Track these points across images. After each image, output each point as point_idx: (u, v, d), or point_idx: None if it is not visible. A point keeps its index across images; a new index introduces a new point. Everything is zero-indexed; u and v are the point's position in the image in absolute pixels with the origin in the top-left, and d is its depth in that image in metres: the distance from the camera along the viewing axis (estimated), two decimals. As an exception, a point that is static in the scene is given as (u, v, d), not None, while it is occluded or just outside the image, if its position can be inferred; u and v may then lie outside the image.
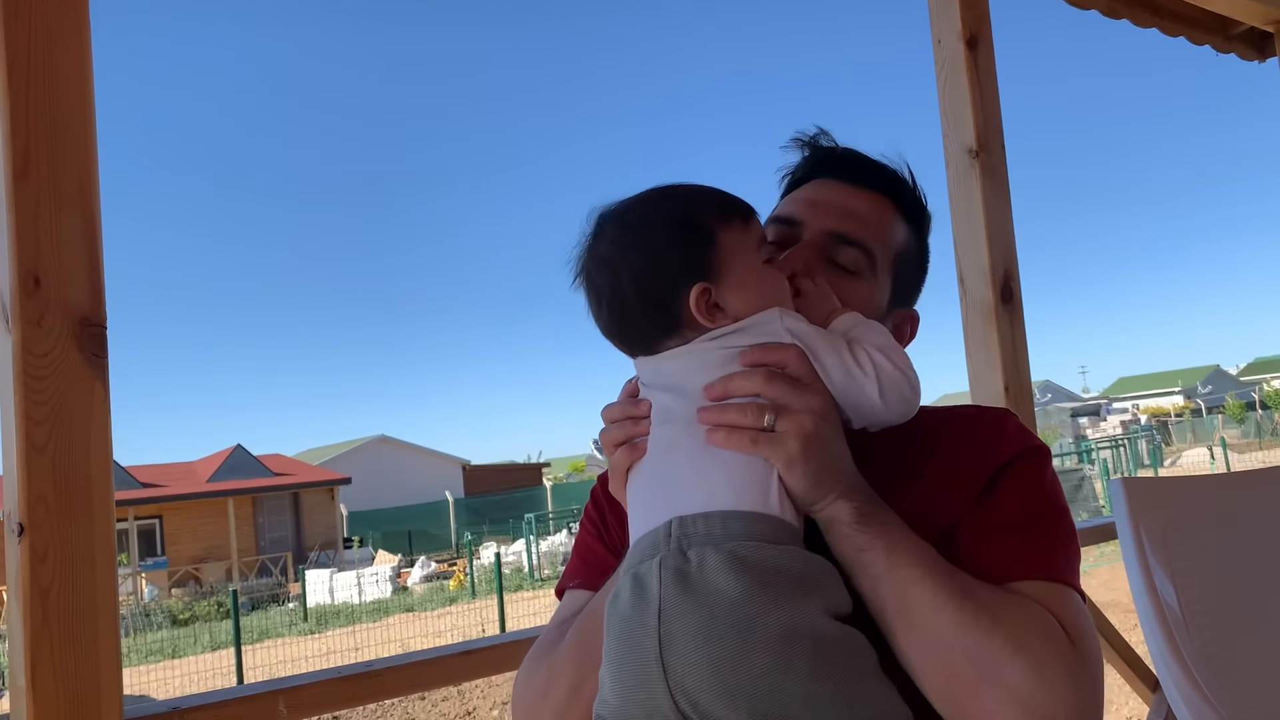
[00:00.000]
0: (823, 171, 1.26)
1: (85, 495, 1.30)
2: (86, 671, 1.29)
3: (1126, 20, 3.25)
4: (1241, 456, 29.87)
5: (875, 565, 0.97)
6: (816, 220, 1.19)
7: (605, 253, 1.06)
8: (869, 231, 1.20)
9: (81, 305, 1.32)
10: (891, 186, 1.25)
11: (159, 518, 29.21)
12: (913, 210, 1.26)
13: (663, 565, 0.93)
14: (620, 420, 1.07)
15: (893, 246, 1.22)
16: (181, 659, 15.45)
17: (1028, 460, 1.13)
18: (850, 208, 1.21)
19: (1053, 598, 1.01)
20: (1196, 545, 1.88)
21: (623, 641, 0.93)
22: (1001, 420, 1.19)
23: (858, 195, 1.22)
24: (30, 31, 1.32)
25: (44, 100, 1.32)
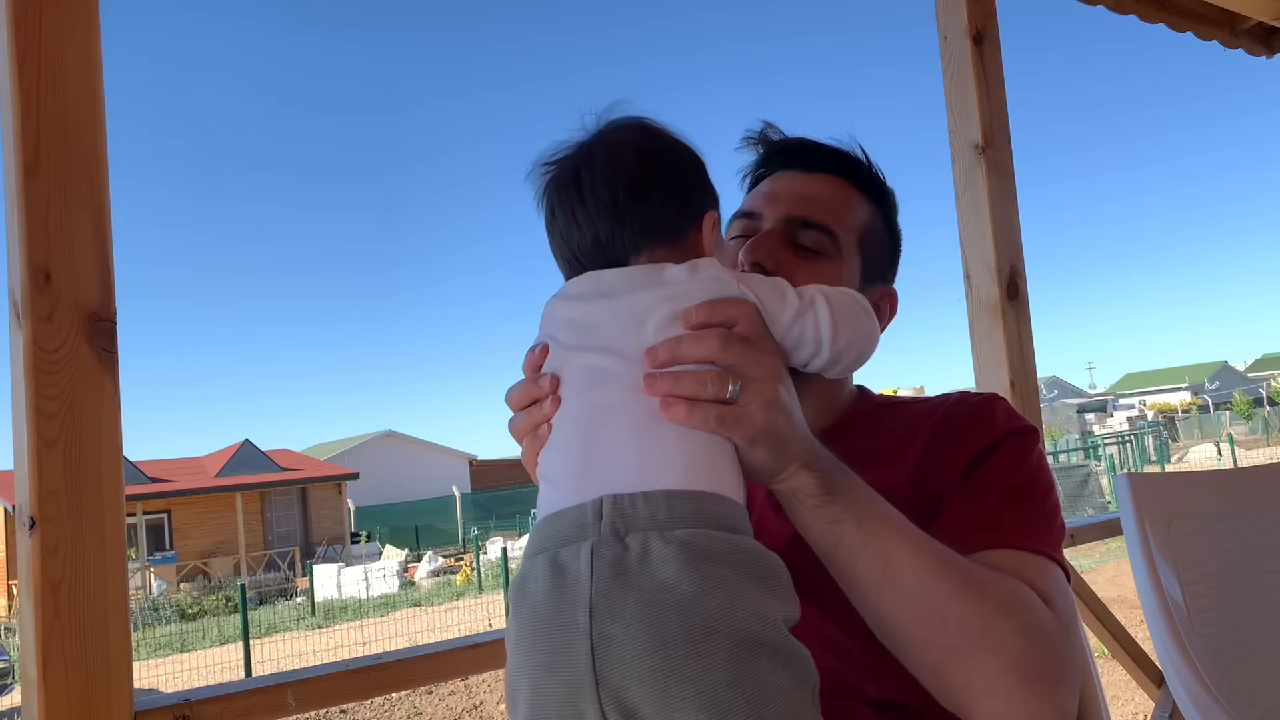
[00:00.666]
0: (777, 164, 1.29)
1: (96, 489, 1.31)
2: (97, 664, 1.30)
3: (1133, 15, 3.24)
4: (1249, 453, 29.76)
5: (849, 536, 0.92)
6: (775, 210, 1.22)
7: (626, 153, 0.96)
8: (827, 212, 1.21)
9: (91, 301, 1.33)
10: (845, 167, 1.27)
11: (168, 512, 29.31)
12: (871, 187, 1.28)
13: (595, 553, 0.79)
14: (526, 406, 0.94)
15: (855, 225, 1.24)
16: (190, 653, 15.51)
17: (1015, 439, 1.14)
18: (806, 193, 1.23)
19: (1032, 567, 1.02)
20: (1202, 541, 1.88)
21: (541, 643, 0.79)
22: (990, 402, 1.21)
23: (812, 180, 1.25)
24: (40, 30, 1.33)
25: (54, 98, 1.33)
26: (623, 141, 0.98)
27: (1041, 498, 1.11)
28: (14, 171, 1.30)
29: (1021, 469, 1.12)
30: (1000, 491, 1.09)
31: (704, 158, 1.03)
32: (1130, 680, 2.74)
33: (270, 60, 63.78)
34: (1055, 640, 0.95)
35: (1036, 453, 1.16)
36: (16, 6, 1.31)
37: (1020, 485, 1.11)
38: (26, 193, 1.30)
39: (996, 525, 1.05)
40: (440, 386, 78.84)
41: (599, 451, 0.86)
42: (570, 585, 0.79)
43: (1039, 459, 1.15)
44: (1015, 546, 1.03)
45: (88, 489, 1.30)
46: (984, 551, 1.02)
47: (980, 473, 1.10)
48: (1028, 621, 0.94)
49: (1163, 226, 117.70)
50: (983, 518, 1.06)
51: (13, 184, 1.31)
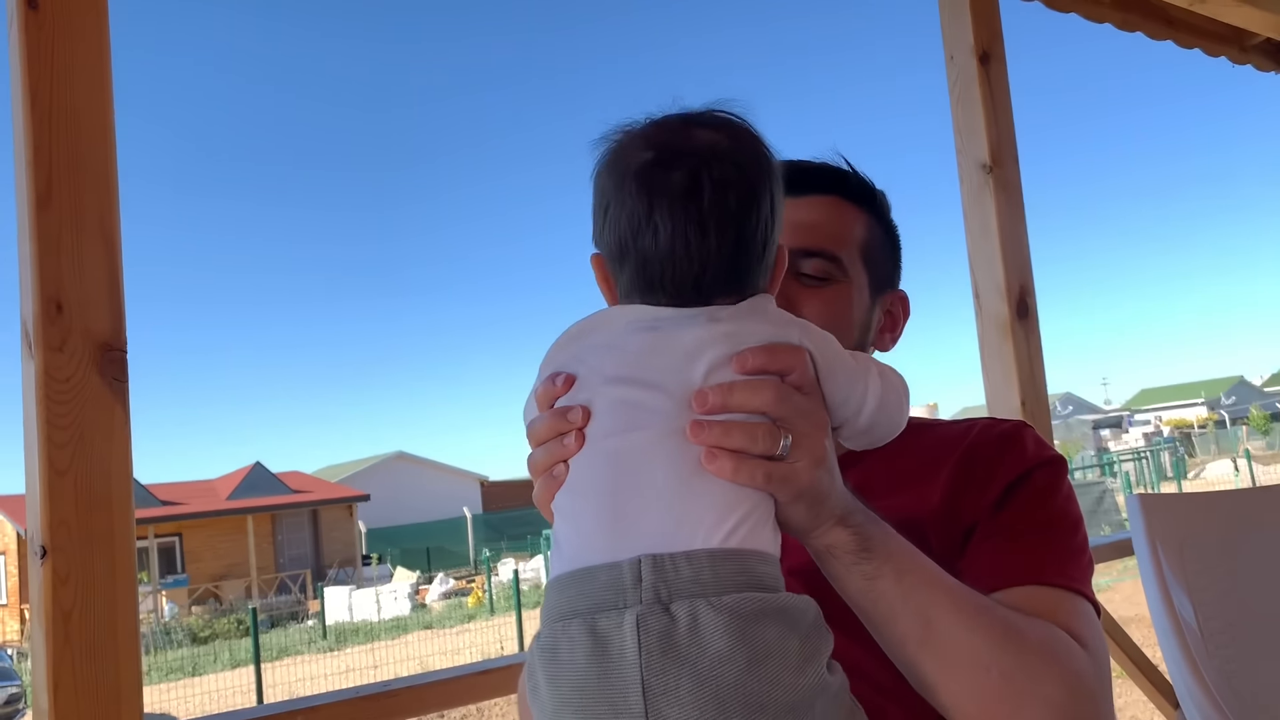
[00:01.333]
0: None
1: (106, 518, 1.31)
2: (108, 692, 1.30)
3: (1141, 32, 3.25)
4: (1266, 468, 29.54)
5: (888, 593, 0.89)
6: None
7: (758, 182, 0.88)
8: (827, 237, 1.21)
9: (103, 331, 1.34)
10: (835, 184, 1.26)
11: (179, 535, 29.38)
12: (863, 197, 1.27)
13: (641, 625, 0.73)
14: (547, 441, 0.87)
15: (855, 241, 1.23)
16: (202, 676, 15.51)
17: (1044, 471, 1.14)
18: (801, 220, 1.21)
19: (1066, 606, 1.01)
20: (1214, 562, 1.87)
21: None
22: (1018, 431, 1.20)
23: (805, 205, 1.23)
24: (53, 61, 1.34)
25: (66, 130, 1.34)
26: (751, 165, 0.88)
27: (1071, 532, 1.10)
28: (26, 201, 1.32)
29: (1053, 502, 1.12)
30: (1032, 525, 1.08)
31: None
32: (1147, 701, 2.71)
33: (290, 66, 64.37)
34: (1093, 687, 0.95)
35: (1066, 485, 1.15)
36: (29, 38, 1.33)
37: (1052, 519, 1.10)
38: (38, 223, 1.31)
39: (1028, 561, 1.04)
40: (451, 408, 78.98)
41: (633, 501, 0.79)
42: (615, 660, 0.74)
43: (1068, 491, 1.15)
44: (1047, 583, 1.03)
45: (98, 518, 1.31)
46: (1016, 588, 1.01)
47: (1011, 505, 1.10)
48: (1068, 669, 0.94)
49: (1177, 241, 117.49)
50: (1015, 553, 1.05)
51: (25, 214, 1.32)
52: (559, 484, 0.84)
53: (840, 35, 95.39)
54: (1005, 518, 1.09)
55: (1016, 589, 1.01)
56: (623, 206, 0.87)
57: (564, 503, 0.84)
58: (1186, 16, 3.30)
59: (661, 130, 0.90)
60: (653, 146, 0.88)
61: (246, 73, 62.46)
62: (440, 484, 40.33)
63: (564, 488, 0.84)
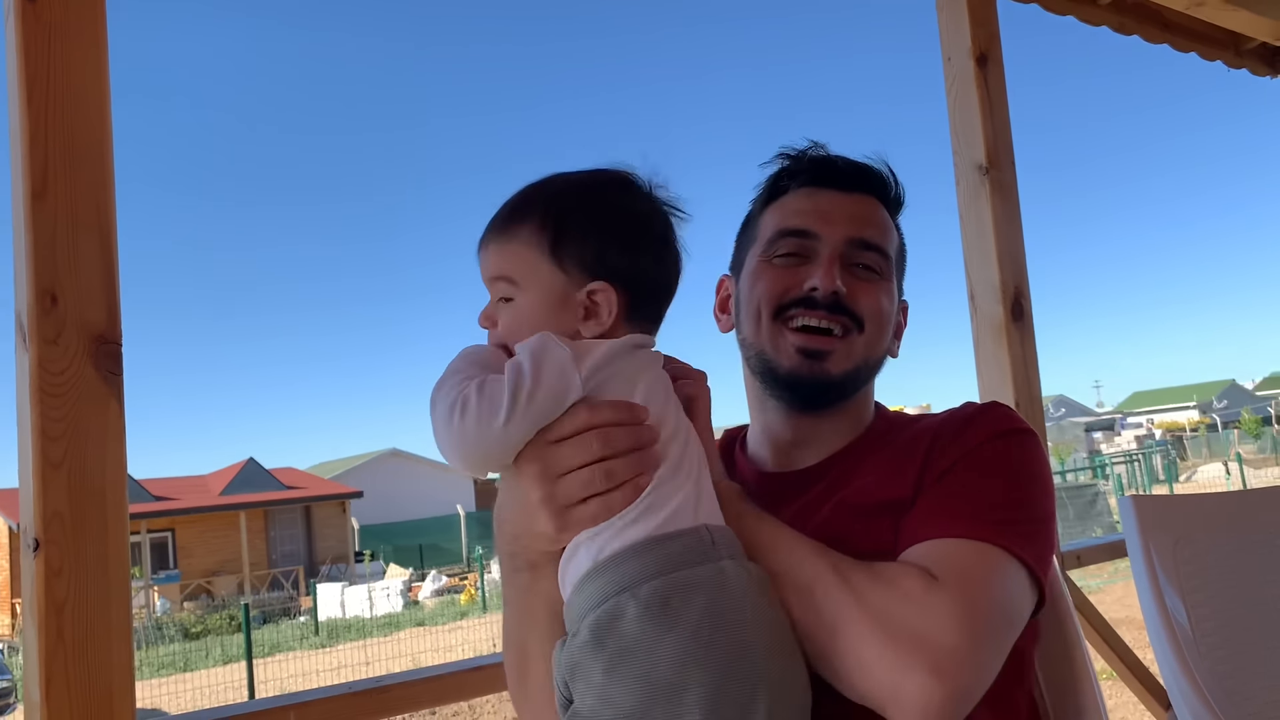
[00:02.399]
0: (809, 179, 1.29)
1: (100, 511, 1.31)
2: (100, 686, 1.30)
3: (1137, 36, 3.26)
4: (1258, 472, 29.64)
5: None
6: (832, 230, 1.22)
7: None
8: (880, 234, 1.25)
9: (97, 323, 1.33)
10: (881, 188, 1.29)
11: (171, 530, 29.31)
12: (898, 208, 1.32)
13: (744, 569, 0.97)
14: (635, 449, 0.96)
15: (893, 245, 1.28)
16: (193, 672, 15.47)
17: (1000, 441, 1.14)
18: (858, 213, 1.25)
19: (966, 553, 1.01)
20: (1207, 564, 1.88)
21: (720, 649, 0.89)
22: (986, 409, 1.22)
23: (857, 201, 1.26)
24: (49, 53, 1.34)
25: (63, 122, 1.34)
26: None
27: (1011, 490, 1.10)
28: (22, 194, 1.31)
29: (1000, 465, 1.12)
30: (961, 486, 1.09)
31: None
32: (1138, 703, 2.72)
33: (276, 74, 64.25)
34: (925, 613, 0.94)
35: (1021, 451, 1.15)
36: (26, 30, 1.32)
37: (987, 480, 1.10)
38: (34, 215, 1.31)
39: (941, 517, 1.05)
40: (445, 405, 78.70)
41: (705, 482, 1.02)
42: (734, 593, 0.93)
43: (1023, 457, 1.14)
44: (956, 535, 1.03)
45: (92, 511, 1.31)
46: (923, 544, 1.03)
47: (955, 471, 1.11)
48: (897, 593, 0.96)
49: (1171, 245, 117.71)
50: (932, 511, 1.07)
51: (20, 206, 1.32)
52: (637, 491, 0.96)
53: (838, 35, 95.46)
54: (944, 483, 1.10)
55: (923, 545, 1.04)
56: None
57: (654, 498, 0.97)
58: (1183, 20, 3.31)
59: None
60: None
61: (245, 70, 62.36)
62: (433, 481, 40.27)
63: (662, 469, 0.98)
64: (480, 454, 0.96)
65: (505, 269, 1.05)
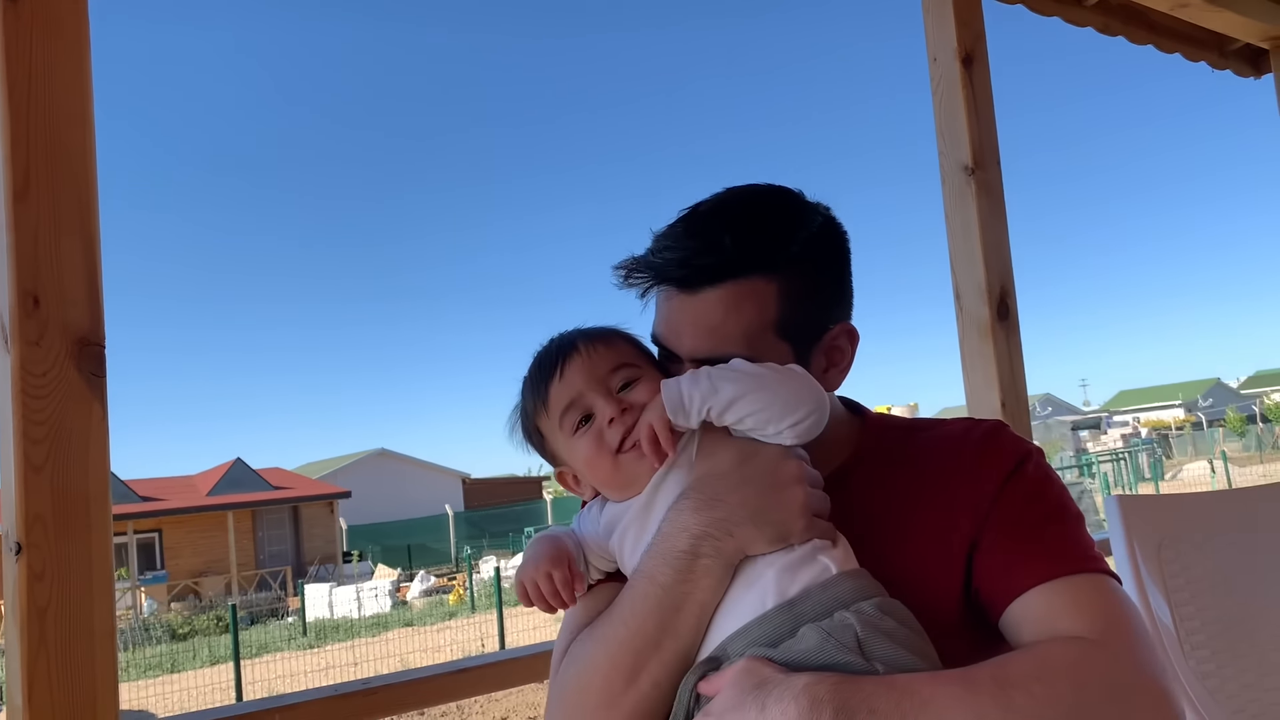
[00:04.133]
0: (662, 279, 1.17)
1: (83, 514, 1.30)
2: (83, 690, 1.29)
3: (1122, 37, 3.27)
4: (1242, 470, 29.82)
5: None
6: (680, 346, 1.16)
7: None
8: (723, 340, 1.13)
9: (80, 325, 1.33)
10: (723, 269, 1.13)
11: (158, 531, 29.16)
12: (764, 262, 1.14)
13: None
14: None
15: (762, 323, 1.14)
16: (180, 673, 15.40)
17: (1029, 466, 1.16)
18: (699, 322, 1.14)
19: (1071, 593, 1.04)
20: (1191, 563, 1.89)
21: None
22: (994, 434, 1.20)
23: (698, 303, 1.14)
24: (31, 54, 1.33)
25: (44, 122, 1.33)
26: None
27: (1063, 516, 1.13)
28: (3, 194, 1.30)
29: (1044, 495, 1.14)
30: (1027, 526, 1.11)
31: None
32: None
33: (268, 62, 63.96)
34: (1101, 676, 0.96)
35: (1044, 472, 1.17)
36: (7, 30, 1.32)
37: (1047, 512, 1.12)
38: (16, 216, 1.30)
39: (1031, 563, 1.07)
40: (433, 405, 78.76)
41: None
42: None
43: (1052, 478, 1.17)
44: (1056, 576, 1.05)
45: (75, 514, 1.30)
46: (1031, 592, 1.05)
47: (1003, 510, 1.12)
48: (1080, 681, 0.95)
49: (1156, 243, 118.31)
50: (1017, 558, 1.08)
51: (2, 207, 1.31)
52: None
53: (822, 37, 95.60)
54: (1001, 524, 1.11)
55: (1034, 592, 1.05)
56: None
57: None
58: (1168, 22, 3.33)
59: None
60: None
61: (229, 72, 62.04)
62: (422, 481, 40.18)
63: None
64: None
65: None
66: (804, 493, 1.05)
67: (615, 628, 1.06)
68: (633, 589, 1.06)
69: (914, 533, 1.13)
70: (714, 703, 0.97)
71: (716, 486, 1.06)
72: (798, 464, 1.07)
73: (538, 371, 1.17)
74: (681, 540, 1.04)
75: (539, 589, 1.11)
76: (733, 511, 1.03)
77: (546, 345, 1.19)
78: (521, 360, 1.21)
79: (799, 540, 1.03)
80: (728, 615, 1.02)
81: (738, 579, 1.03)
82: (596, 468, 1.12)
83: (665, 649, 1.03)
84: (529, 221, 77.40)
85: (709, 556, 1.02)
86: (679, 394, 1.07)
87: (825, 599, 1.00)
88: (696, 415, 1.07)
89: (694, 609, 1.03)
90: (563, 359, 1.14)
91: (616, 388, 1.13)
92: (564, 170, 79.51)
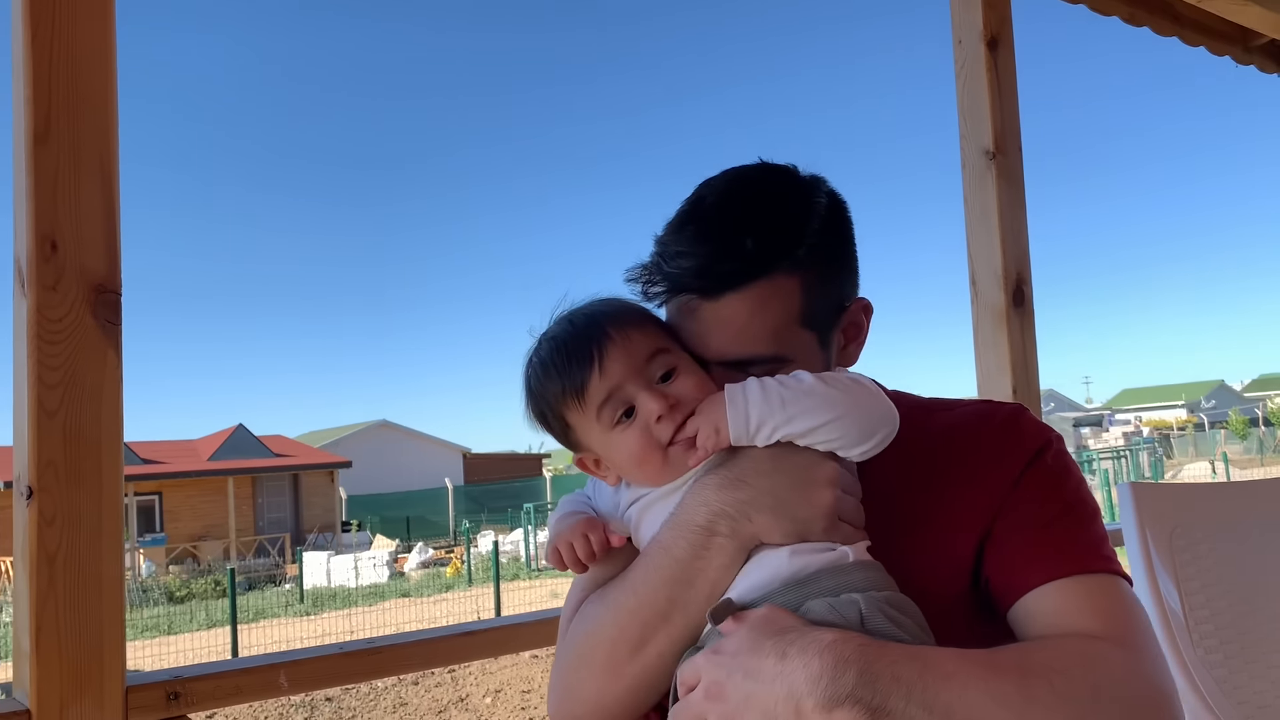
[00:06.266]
0: (679, 290, 1.14)
1: (95, 461, 1.30)
2: (90, 637, 1.29)
3: (1147, 28, 3.24)
4: (1243, 472, 29.80)
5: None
6: (706, 351, 1.13)
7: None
8: (754, 340, 1.11)
9: (97, 271, 1.32)
10: (747, 271, 1.10)
11: (159, 494, 29.27)
12: (785, 256, 1.11)
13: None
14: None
15: (789, 318, 1.12)
16: (177, 635, 15.50)
17: (1050, 454, 1.15)
18: (726, 324, 1.11)
19: (1095, 591, 1.04)
20: (1203, 553, 1.88)
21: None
22: (1015, 419, 1.19)
23: (725, 306, 1.10)
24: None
25: (67, 66, 1.32)
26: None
27: (1080, 511, 1.12)
28: (24, 137, 1.29)
29: (1063, 487, 1.13)
30: (1043, 520, 1.10)
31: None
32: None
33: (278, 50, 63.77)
34: (1118, 674, 0.96)
35: (1066, 462, 1.16)
36: (31, -28, 1.30)
37: (1065, 505, 1.11)
38: (36, 159, 1.29)
39: (1045, 558, 1.06)
40: (436, 379, 78.89)
41: None
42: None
43: (1071, 469, 1.16)
44: (1069, 574, 1.05)
45: (87, 460, 1.29)
46: (1043, 587, 1.04)
47: (1020, 500, 1.11)
48: (1097, 681, 0.95)
49: (1165, 243, 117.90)
50: (1031, 553, 1.07)
51: (22, 150, 1.30)
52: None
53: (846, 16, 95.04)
54: (1020, 513, 1.10)
55: (1049, 587, 1.04)
56: None
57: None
58: (1193, 13, 3.29)
59: None
60: None
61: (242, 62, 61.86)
62: (423, 454, 40.28)
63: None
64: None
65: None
66: (833, 496, 1.02)
67: (626, 595, 1.06)
68: (647, 557, 1.06)
69: (929, 515, 1.12)
70: (726, 641, 0.96)
71: (745, 468, 1.04)
72: (834, 467, 1.04)
73: (565, 361, 1.08)
74: (700, 514, 1.03)
75: (573, 550, 1.10)
76: (756, 496, 1.02)
77: (569, 328, 1.11)
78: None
79: (816, 540, 1.02)
80: (736, 590, 1.02)
81: (751, 561, 1.02)
82: (645, 463, 1.07)
83: (674, 622, 1.03)
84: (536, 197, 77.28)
85: (724, 536, 1.02)
86: (745, 416, 1.03)
87: (834, 584, 0.99)
88: (765, 439, 1.03)
89: (705, 586, 1.02)
90: (597, 348, 1.07)
91: (657, 377, 1.07)
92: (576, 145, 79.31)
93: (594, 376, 1.06)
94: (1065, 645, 0.98)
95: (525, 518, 23.80)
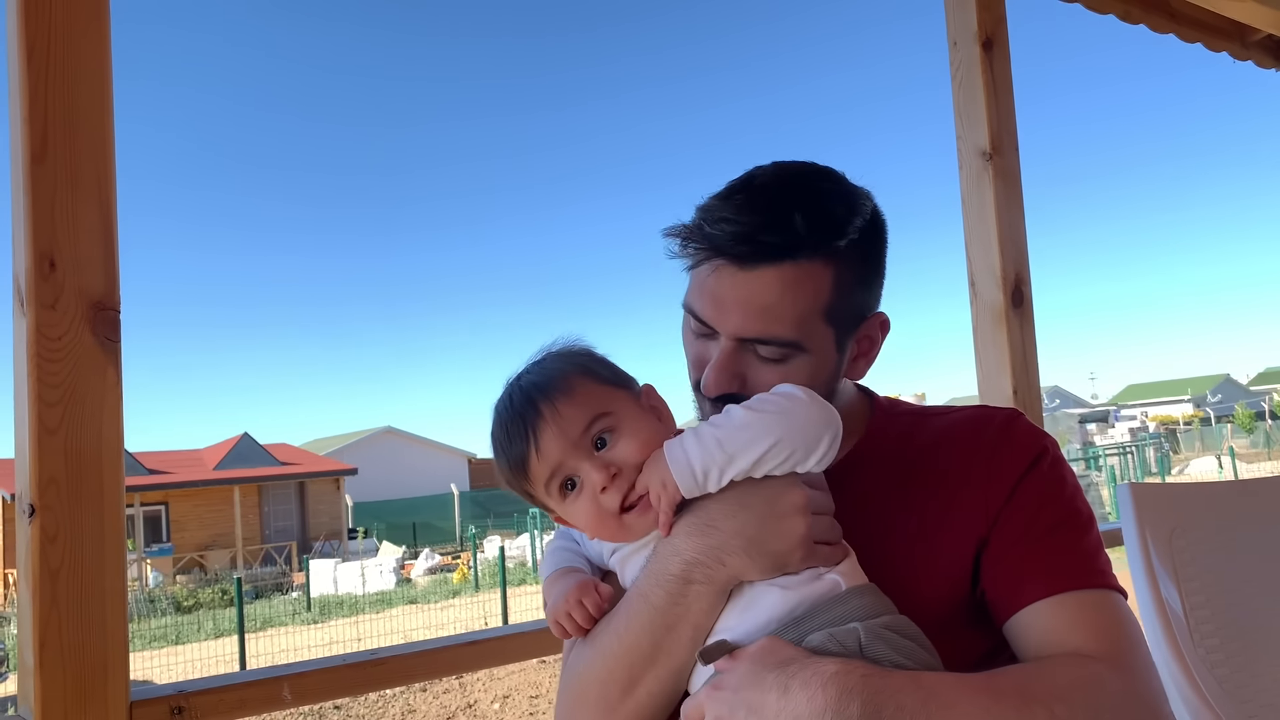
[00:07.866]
0: (714, 252, 1.12)
1: (96, 478, 1.31)
2: (94, 652, 1.30)
3: (1144, 25, 3.24)
4: (1250, 466, 29.74)
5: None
6: (725, 323, 1.12)
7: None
8: (776, 320, 1.10)
9: (96, 289, 1.33)
10: (786, 248, 1.09)
11: (165, 504, 29.32)
12: (824, 245, 1.11)
13: None
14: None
15: (815, 308, 1.11)
16: (185, 645, 15.52)
17: (1045, 463, 1.14)
18: (753, 301, 1.10)
19: (1090, 607, 1.05)
20: (1203, 553, 1.88)
21: None
22: (1010, 425, 1.19)
23: (754, 280, 1.09)
24: (51, 16, 1.33)
25: (63, 85, 1.33)
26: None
27: (1075, 522, 1.12)
28: (21, 157, 1.30)
29: (1058, 497, 1.13)
30: (1038, 533, 1.10)
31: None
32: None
33: (279, 56, 63.88)
34: (1119, 692, 0.97)
35: (1063, 471, 1.15)
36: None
37: (1060, 516, 1.11)
38: (33, 178, 1.30)
39: (1040, 574, 1.07)
40: (441, 384, 78.91)
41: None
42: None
43: (1066, 477, 1.15)
44: (1065, 589, 1.05)
45: (88, 477, 1.30)
46: (1040, 603, 1.05)
47: (1016, 511, 1.11)
48: (1096, 709, 0.96)
49: (1169, 237, 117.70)
50: (1026, 567, 1.08)
51: (19, 169, 1.31)
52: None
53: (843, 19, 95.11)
54: (1015, 526, 1.10)
55: (1044, 604, 1.05)
56: None
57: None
58: (1189, 10, 3.29)
59: None
60: None
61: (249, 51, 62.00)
62: (428, 460, 40.31)
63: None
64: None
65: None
66: (804, 524, 1.01)
67: (611, 639, 1.06)
68: (628, 604, 1.06)
69: (925, 524, 1.12)
70: (727, 676, 0.96)
71: (712, 512, 1.02)
72: (801, 493, 1.02)
73: (508, 440, 1.09)
74: (673, 564, 1.02)
75: (573, 620, 1.09)
76: (726, 540, 1.01)
77: (508, 406, 1.10)
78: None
79: (796, 570, 1.01)
80: (733, 633, 1.01)
81: (739, 596, 1.02)
82: (600, 530, 1.07)
83: (660, 664, 1.03)
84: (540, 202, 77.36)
85: (700, 583, 1.01)
86: (689, 468, 1.01)
87: (833, 616, 0.98)
88: (715, 484, 1.02)
89: (687, 629, 1.02)
90: (532, 429, 1.06)
91: (596, 445, 1.06)
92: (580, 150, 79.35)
93: (533, 457, 1.06)
94: (1064, 671, 0.99)
95: (531, 523, 23.81)
